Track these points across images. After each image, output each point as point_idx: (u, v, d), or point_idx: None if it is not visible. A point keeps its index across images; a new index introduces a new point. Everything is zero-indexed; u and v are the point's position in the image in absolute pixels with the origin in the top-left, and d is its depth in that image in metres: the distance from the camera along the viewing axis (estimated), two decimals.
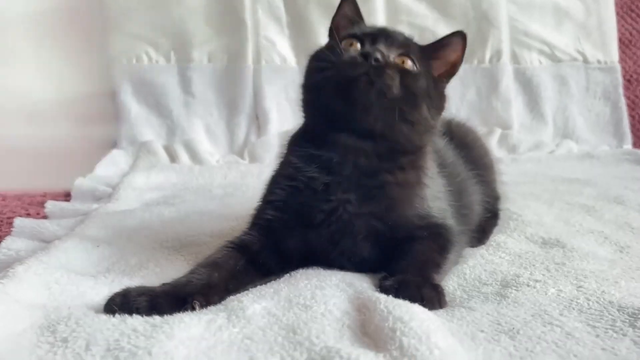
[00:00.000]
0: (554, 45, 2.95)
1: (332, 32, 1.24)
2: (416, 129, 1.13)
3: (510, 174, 2.17)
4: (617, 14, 3.06)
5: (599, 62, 3.00)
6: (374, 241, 1.14)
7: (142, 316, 0.86)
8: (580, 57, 2.99)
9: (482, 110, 2.79)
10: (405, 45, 1.16)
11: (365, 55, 1.08)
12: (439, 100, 1.19)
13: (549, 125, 2.91)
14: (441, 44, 1.21)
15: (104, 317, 0.85)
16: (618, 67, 3.03)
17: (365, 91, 1.07)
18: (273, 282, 1.08)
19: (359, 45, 1.14)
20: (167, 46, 2.49)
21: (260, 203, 1.24)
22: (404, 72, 1.11)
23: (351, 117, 1.10)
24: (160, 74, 2.48)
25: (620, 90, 3.00)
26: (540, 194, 1.95)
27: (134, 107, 2.44)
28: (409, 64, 1.13)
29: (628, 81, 3.07)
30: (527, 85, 2.91)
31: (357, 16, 1.25)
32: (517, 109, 2.88)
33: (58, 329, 0.81)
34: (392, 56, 1.12)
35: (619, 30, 3.07)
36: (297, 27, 2.63)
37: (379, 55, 1.08)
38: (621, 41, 3.08)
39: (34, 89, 2.24)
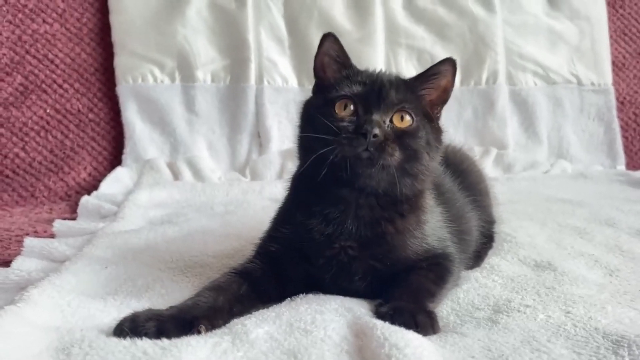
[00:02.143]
0: (548, 67, 3.01)
1: (317, 70, 1.25)
2: (419, 178, 1.18)
3: (505, 193, 2.23)
4: (611, 37, 3.14)
5: (592, 84, 3.06)
6: (372, 279, 1.18)
7: (151, 339, 0.90)
8: (574, 79, 3.05)
9: (478, 130, 2.84)
10: (400, 100, 1.15)
11: (362, 133, 1.08)
12: (436, 140, 1.21)
13: (543, 145, 2.97)
14: (432, 72, 1.22)
15: (115, 339, 0.89)
16: (611, 89, 3.09)
17: (367, 166, 1.10)
18: (275, 306, 1.13)
19: (352, 107, 1.14)
20: (171, 66, 2.53)
21: (265, 234, 1.28)
22: (402, 135, 1.13)
23: (354, 182, 1.14)
24: (164, 93, 2.52)
25: (614, 112, 3.07)
26: (534, 214, 1.99)
27: (139, 125, 2.48)
28: (406, 119, 1.15)
29: (621, 103, 3.13)
30: (523, 105, 2.96)
31: (342, 54, 1.22)
32: (512, 129, 2.93)
33: (72, 351, 0.85)
34: (388, 119, 1.13)
35: (613, 54, 3.14)
36: (299, 48, 2.69)
37: (376, 131, 1.08)
38: (615, 64, 3.14)
39: None
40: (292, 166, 1.37)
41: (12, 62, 2.33)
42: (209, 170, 2.47)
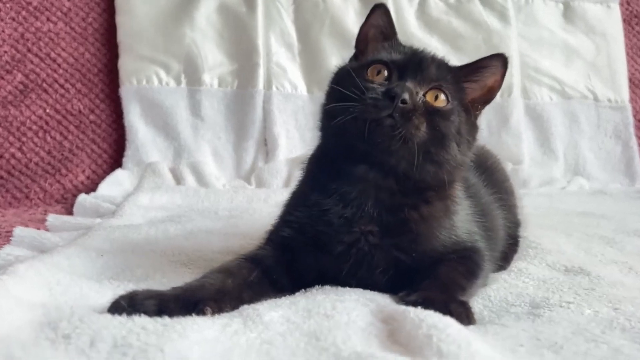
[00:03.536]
0: (564, 82, 2.94)
1: (359, 42, 1.18)
2: (444, 168, 1.06)
3: (525, 206, 2.13)
4: (627, 54, 3.08)
5: (609, 100, 2.99)
6: (394, 272, 1.07)
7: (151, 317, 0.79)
8: (590, 95, 2.98)
9: (492, 144, 2.71)
10: (438, 78, 1.07)
11: (390, 96, 0.99)
12: (470, 135, 1.10)
13: (559, 161, 2.88)
14: (479, 65, 1.13)
15: (110, 315, 0.78)
16: (629, 106, 3.02)
17: (387, 136, 0.99)
18: (288, 295, 1.02)
19: (386, 73, 1.06)
20: (178, 69, 2.45)
21: (277, 220, 1.18)
22: (433, 112, 1.03)
23: (371, 155, 1.04)
24: (169, 96, 2.43)
25: (631, 130, 2.98)
26: (558, 225, 1.89)
27: (142, 129, 2.38)
28: (441, 98, 1.05)
29: (639, 121, 3.05)
30: (538, 120, 2.88)
31: (389, 27, 1.16)
32: (527, 144, 2.84)
33: (60, 325, 0.73)
34: (422, 92, 1.04)
35: (629, 71, 3.08)
36: (309, 55, 2.62)
37: (406, 96, 0.99)
38: (631, 81, 3.08)
39: None
40: (299, 175, 1.27)
41: (13, 60, 2.24)
42: (213, 177, 2.36)
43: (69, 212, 2.01)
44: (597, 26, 3.02)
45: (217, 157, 2.47)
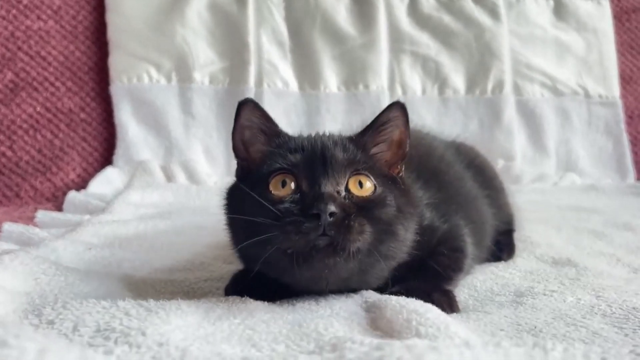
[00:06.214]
0: (555, 78, 2.94)
1: (237, 151, 0.98)
2: (395, 260, 0.94)
3: (516, 202, 2.14)
4: (618, 51, 3.08)
5: (600, 96, 2.99)
6: None
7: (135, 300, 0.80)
8: (581, 91, 2.98)
9: (484, 141, 2.71)
10: (350, 161, 0.90)
11: (313, 214, 0.81)
12: (408, 204, 0.95)
13: (551, 158, 2.87)
14: (379, 123, 0.96)
15: (94, 300, 0.78)
16: (619, 102, 3.02)
17: (329, 256, 0.82)
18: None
19: (292, 183, 0.88)
20: (168, 66, 2.44)
21: None
22: (367, 204, 0.87)
23: (310, 276, 0.88)
24: (160, 94, 2.42)
25: (622, 126, 2.98)
26: (548, 220, 1.90)
27: (132, 127, 2.37)
28: (366, 186, 0.89)
29: (630, 117, 3.06)
30: (530, 117, 2.88)
31: (268, 122, 0.97)
32: (519, 141, 2.84)
33: (44, 312, 0.75)
34: (343, 187, 0.88)
35: (620, 67, 3.08)
36: (300, 52, 2.61)
37: (332, 208, 0.81)
38: (622, 78, 3.08)
39: None
40: None
41: (4, 59, 2.24)
42: (204, 174, 2.36)
43: (60, 210, 2.00)
44: (588, 23, 3.02)
45: (208, 155, 2.46)
